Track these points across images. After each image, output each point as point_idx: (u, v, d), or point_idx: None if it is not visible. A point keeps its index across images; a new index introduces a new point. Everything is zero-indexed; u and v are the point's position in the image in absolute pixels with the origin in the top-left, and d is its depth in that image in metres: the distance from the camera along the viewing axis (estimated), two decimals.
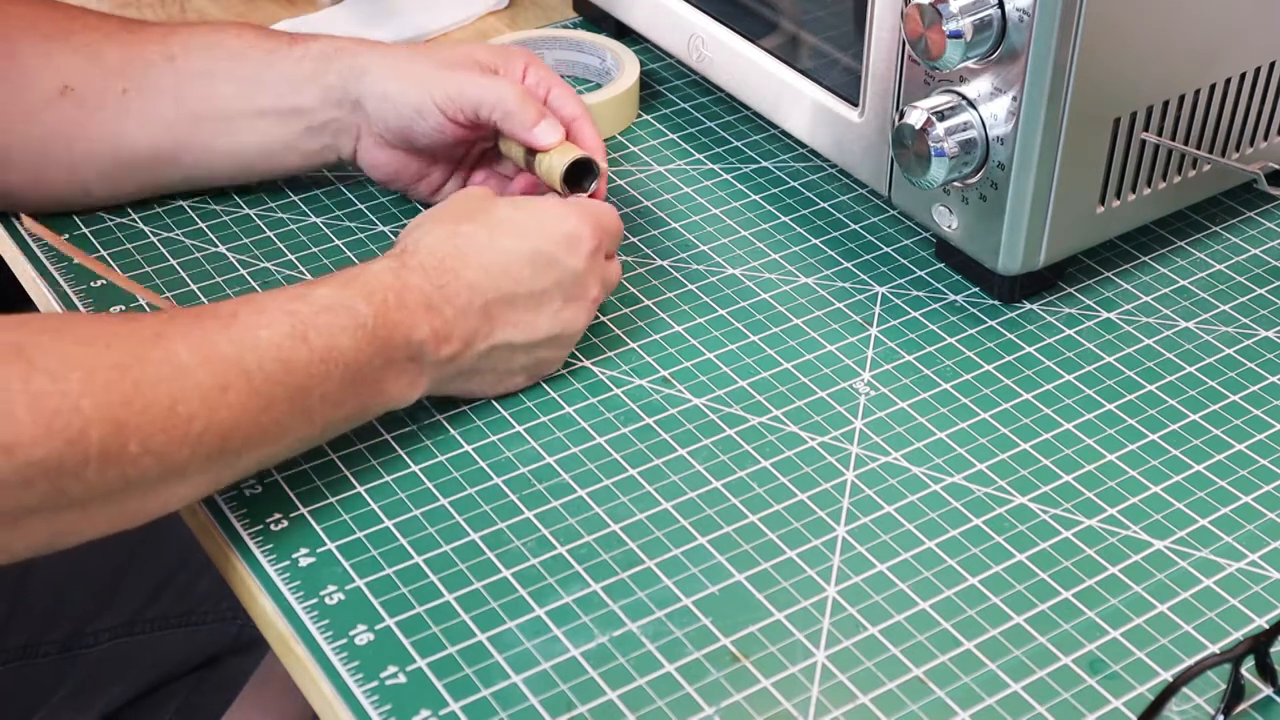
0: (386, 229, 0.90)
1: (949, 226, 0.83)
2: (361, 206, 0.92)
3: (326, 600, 0.68)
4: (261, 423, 0.67)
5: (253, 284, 0.85)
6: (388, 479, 0.74)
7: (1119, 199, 0.83)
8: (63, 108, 0.84)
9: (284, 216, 0.91)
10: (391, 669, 0.65)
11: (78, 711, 1.04)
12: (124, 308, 0.83)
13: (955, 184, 0.81)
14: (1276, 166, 0.89)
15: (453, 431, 0.77)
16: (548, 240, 0.75)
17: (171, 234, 0.89)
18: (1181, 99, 0.82)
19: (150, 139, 0.86)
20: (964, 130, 0.78)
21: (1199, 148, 0.85)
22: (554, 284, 0.75)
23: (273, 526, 0.71)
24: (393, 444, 0.76)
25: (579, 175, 0.83)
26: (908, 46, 0.79)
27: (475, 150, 0.89)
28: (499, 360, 0.76)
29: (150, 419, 0.63)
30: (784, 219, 0.92)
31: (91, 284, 0.85)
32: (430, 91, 0.83)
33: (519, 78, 0.86)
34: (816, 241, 0.90)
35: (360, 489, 0.73)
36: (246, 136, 0.87)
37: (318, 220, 0.91)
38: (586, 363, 0.81)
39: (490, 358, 0.75)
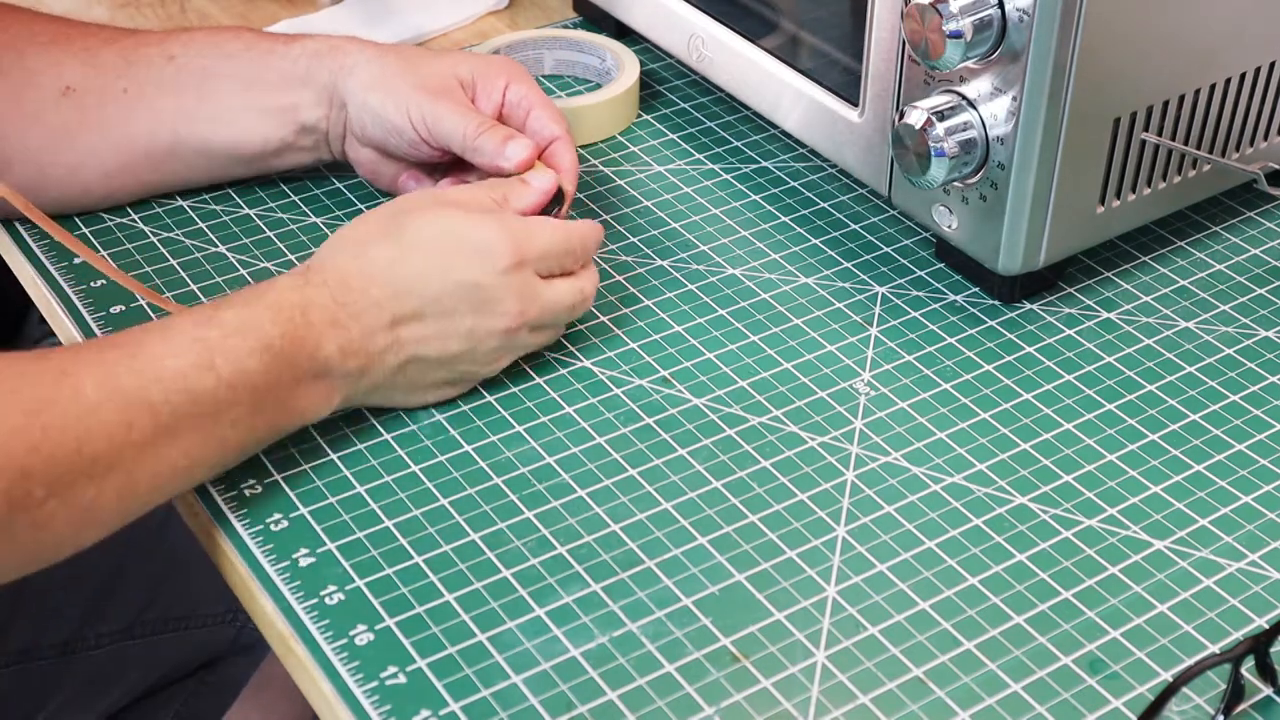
0: None
1: (949, 226, 0.83)
2: (362, 206, 0.92)
3: (326, 600, 0.68)
4: (169, 455, 0.67)
5: (252, 284, 0.85)
6: (388, 479, 0.74)
7: (1119, 199, 0.83)
8: (64, 108, 0.85)
9: (284, 216, 0.91)
10: (391, 669, 0.65)
11: (77, 714, 1.04)
12: (124, 308, 0.83)
13: (955, 184, 0.81)
14: (1276, 166, 0.89)
15: (453, 431, 0.77)
16: (457, 255, 0.74)
17: (171, 234, 0.89)
18: (1181, 99, 0.82)
19: (150, 135, 0.87)
20: (964, 130, 0.78)
21: (1199, 148, 0.85)
22: (464, 301, 0.74)
23: (273, 526, 0.71)
24: (393, 444, 0.76)
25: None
26: (908, 46, 0.79)
27: (450, 157, 0.89)
28: (414, 374, 0.75)
29: (56, 463, 0.63)
30: (784, 219, 0.92)
31: (91, 284, 0.85)
32: (409, 115, 0.84)
33: (498, 99, 0.86)
34: (816, 241, 0.90)
35: (360, 489, 0.73)
36: (243, 134, 0.87)
37: (318, 220, 0.91)
38: (586, 363, 0.81)
39: (405, 373, 0.74)
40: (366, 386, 0.74)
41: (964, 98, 0.79)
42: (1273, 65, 0.85)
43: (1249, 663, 0.64)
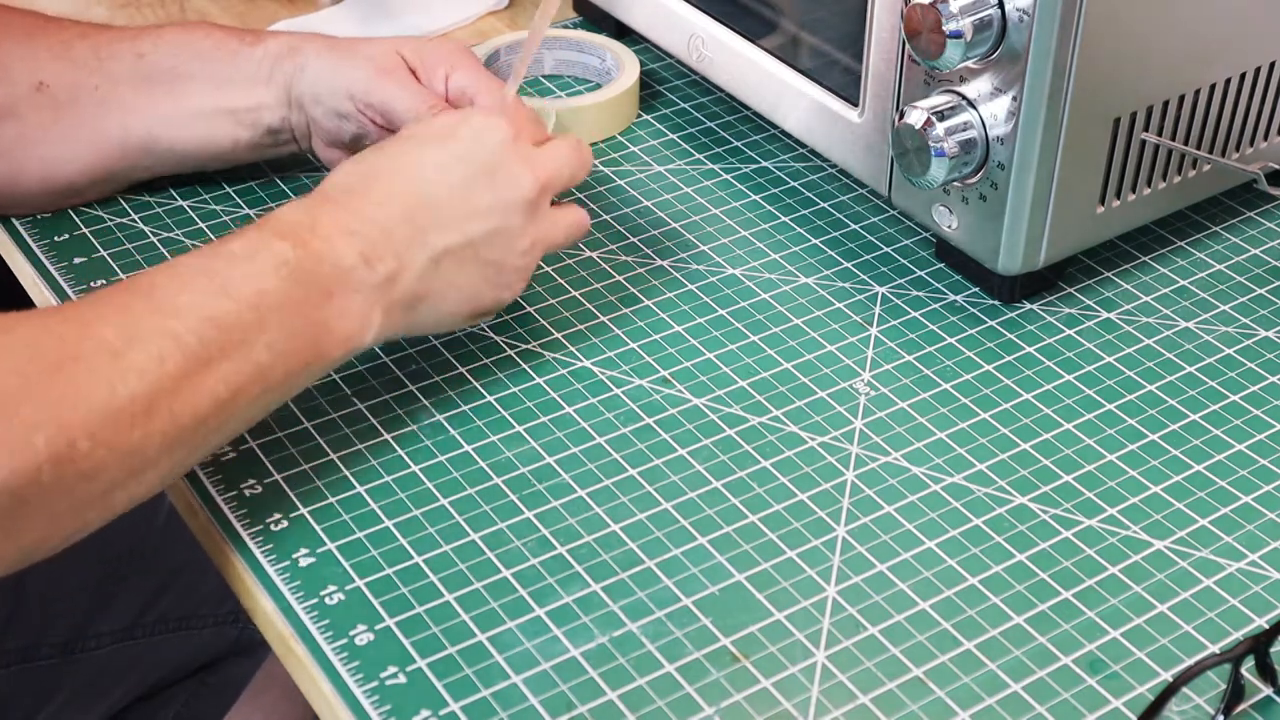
0: None
1: (949, 226, 0.83)
2: None
3: (326, 600, 0.68)
4: (207, 384, 0.65)
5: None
6: (388, 479, 0.74)
7: (1119, 199, 0.83)
8: (38, 103, 0.86)
9: None
10: (391, 669, 0.65)
11: (78, 715, 1.04)
12: None
13: (955, 184, 0.81)
14: (1276, 166, 0.89)
15: (453, 431, 0.77)
16: (466, 145, 0.74)
17: (171, 234, 0.89)
18: (1181, 99, 0.82)
19: (123, 132, 0.87)
20: (964, 130, 0.78)
21: (1199, 148, 0.85)
22: (477, 173, 0.73)
23: (273, 526, 0.71)
24: (393, 444, 0.76)
25: None
26: (908, 46, 0.79)
27: None
28: (449, 273, 0.73)
29: (93, 410, 0.61)
30: (784, 219, 0.92)
31: (91, 284, 0.85)
32: (353, 98, 0.84)
33: (441, 90, 0.84)
34: (816, 241, 0.90)
35: (360, 489, 0.73)
36: (213, 132, 0.88)
37: None
38: (586, 363, 0.81)
39: (438, 271, 0.72)
40: (403, 295, 0.71)
41: (964, 98, 0.79)
42: (1273, 65, 0.85)
43: (1249, 663, 0.64)
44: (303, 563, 0.70)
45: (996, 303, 0.86)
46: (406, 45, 0.86)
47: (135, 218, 0.90)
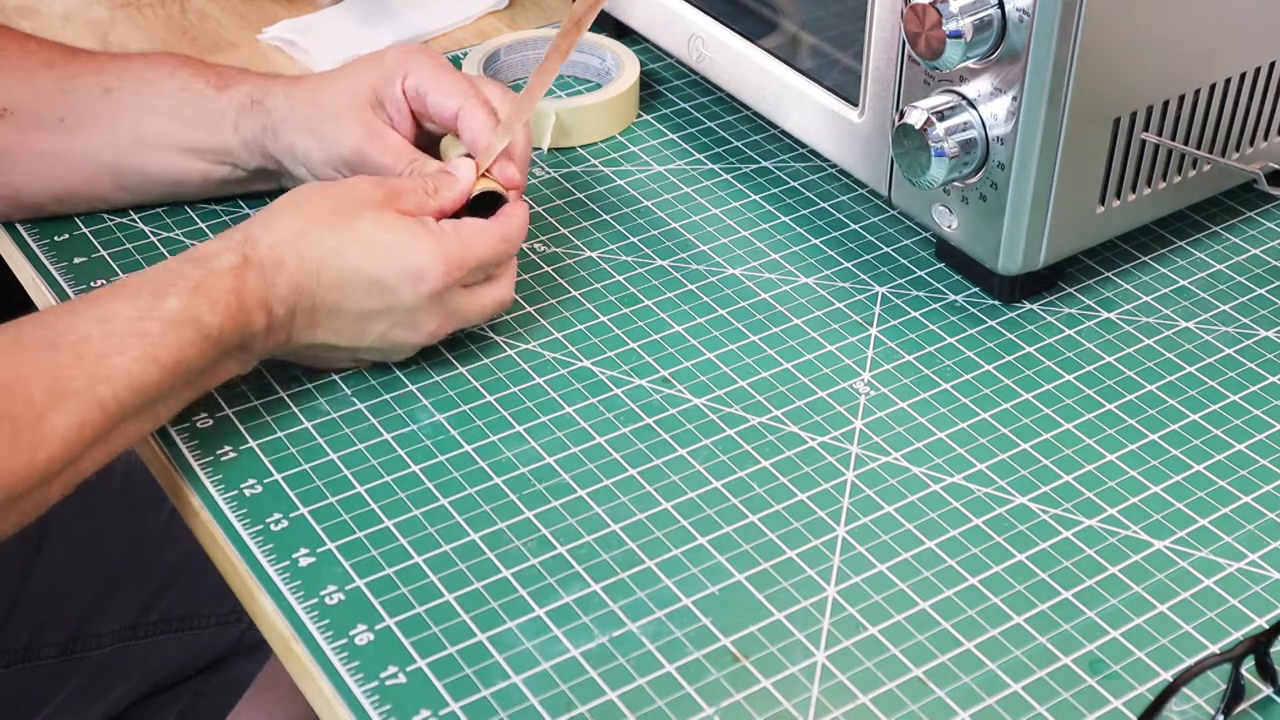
0: None
1: (949, 226, 0.83)
2: None
3: (326, 600, 0.68)
4: (114, 443, 0.70)
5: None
6: (388, 479, 0.74)
7: (1119, 199, 0.83)
8: (3, 130, 0.85)
9: None
10: (391, 669, 0.65)
11: (79, 714, 1.04)
12: None
13: (955, 184, 0.81)
14: (1276, 166, 0.89)
15: (453, 431, 0.77)
16: (390, 269, 0.75)
17: (171, 234, 0.89)
18: (1181, 99, 0.82)
19: (90, 166, 0.86)
20: (964, 130, 0.78)
21: (1199, 148, 0.85)
22: (383, 309, 0.75)
23: (273, 526, 0.71)
24: (392, 444, 0.76)
25: (493, 200, 0.80)
26: (908, 46, 0.79)
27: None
28: (321, 351, 0.78)
29: (14, 474, 0.65)
30: (784, 219, 0.92)
31: (91, 284, 0.85)
32: (338, 169, 0.84)
33: (403, 101, 0.83)
34: (816, 241, 0.90)
35: (360, 489, 0.73)
36: (184, 170, 0.87)
37: None
38: (586, 363, 0.81)
39: (312, 349, 0.77)
40: (278, 354, 0.77)
41: (964, 98, 0.79)
42: (1273, 65, 0.85)
43: (1249, 663, 0.64)
44: (303, 563, 0.70)
45: (996, 303, 0.86)
46: (359, 81, 0.84)
47: (135, 217, 0.90)
